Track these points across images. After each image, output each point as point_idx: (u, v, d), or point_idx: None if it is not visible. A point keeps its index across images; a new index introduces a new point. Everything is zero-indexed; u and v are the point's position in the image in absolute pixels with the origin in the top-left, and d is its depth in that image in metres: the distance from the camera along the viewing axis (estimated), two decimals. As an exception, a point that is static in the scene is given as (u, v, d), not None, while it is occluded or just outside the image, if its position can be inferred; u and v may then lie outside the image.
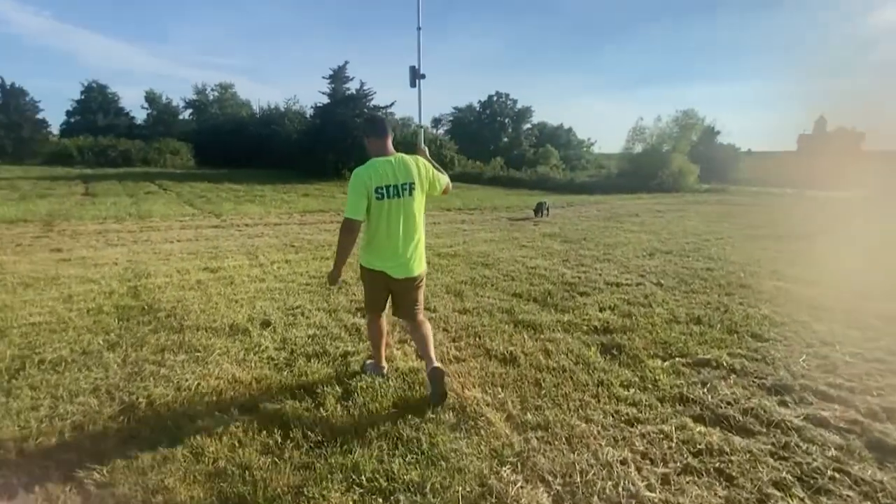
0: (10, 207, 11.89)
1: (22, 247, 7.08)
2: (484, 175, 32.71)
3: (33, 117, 39.85)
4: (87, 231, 8.70)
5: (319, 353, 3.27)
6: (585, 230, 9.76)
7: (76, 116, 42.75)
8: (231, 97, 47.07)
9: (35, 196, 15.35)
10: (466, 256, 6.76)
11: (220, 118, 43.17)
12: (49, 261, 6.07)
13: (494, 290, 4.97)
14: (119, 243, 7.50)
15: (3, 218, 9.92)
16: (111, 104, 43.72)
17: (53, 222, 9.61)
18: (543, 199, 15.06)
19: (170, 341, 3.40)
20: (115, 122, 42.42)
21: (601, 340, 3.63)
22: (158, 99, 45.49)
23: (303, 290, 4.89)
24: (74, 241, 7.68)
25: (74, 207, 12.21)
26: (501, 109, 54.37)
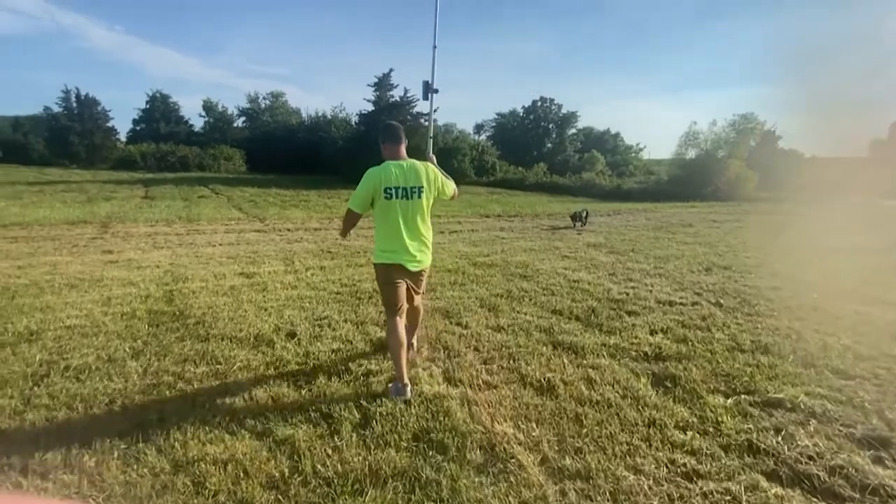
0: (75, 209, 12.70)
1: (78, 247, 7.43)
2: (526, 181, 32.10)
3: (104, 125, 43.06)
4: (138, 233, 9.07)
5: (342, 370, 3.08)
6: (634, 240, 9.18)
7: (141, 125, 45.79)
8: (282, 105, 48.95)
9: (100, 199, 16.38)
10: (504, 267, 6.44)
11: (271, 125, 44.96)
12: (98, 262, 6.29)
13: (532, 306, 4.63)
14: (165, 246, 7.73)
15: (67, 219, 10.57)
16: (172, 113, 46.54)
17: (110, 224, 10.12)
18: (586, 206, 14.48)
19: (193, 351, 3.31)
20: (175, 130, 45.08)
21: (652, 369, 3.23)
22: (215, 107, 47.97)
23: (333, 298, 4.76)
24: (125, 242, 7.99)
25: (132, 210, 12.88)
26: (545, 114, 53.43)
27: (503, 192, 25.73)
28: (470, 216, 13.55)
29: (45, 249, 7.18)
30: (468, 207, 16.06)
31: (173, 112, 46.96)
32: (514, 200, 20.34)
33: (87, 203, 14.69)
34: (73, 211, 12.18)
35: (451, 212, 14.40)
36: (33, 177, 25.88)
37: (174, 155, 37.36)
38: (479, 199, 20.13)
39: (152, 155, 37.27)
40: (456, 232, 10.14)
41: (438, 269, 6.23)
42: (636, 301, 4.85)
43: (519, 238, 9.39)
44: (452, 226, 11.26)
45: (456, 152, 34.13)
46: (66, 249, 7.22)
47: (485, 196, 22.63)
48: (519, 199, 21.88)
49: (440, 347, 3.52)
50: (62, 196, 16.65)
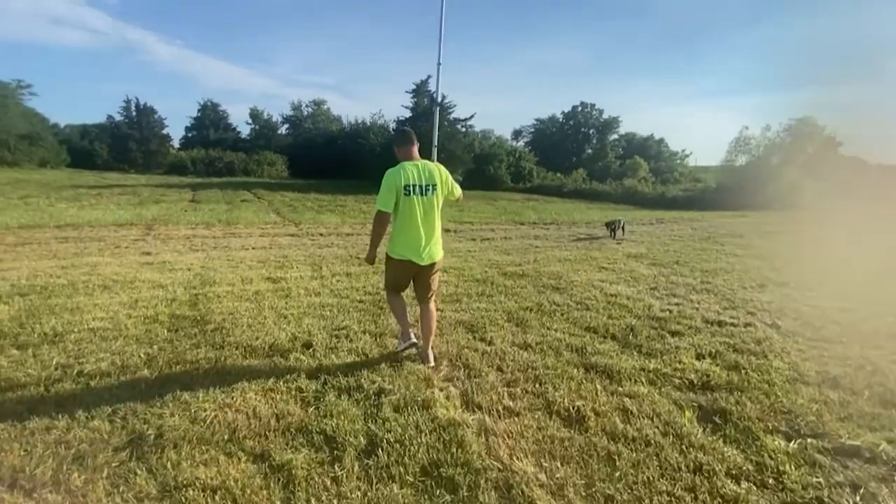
0: (125, 211, 13.32)
1: (120, 249, 7.68)
2: (564, 187, 31.36)
3: (160, 132, 45.69)
4: (178, 235, 9.33)
5: (353, 386, 2.88)
6: (678, 252, 8.59)
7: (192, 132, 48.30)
8: (323, 113, 50.34)
9: (150, 202, 17.18)
10: (535, 277, 6.12)
11: (312, 132, 46.25)
12: (135, 264, 6.45)
13: (564, 322, 4.30)
14: (200, 248, 7.88)
15: (116, 221, 11.06)
16: (221, 120, 48.83)
17: (153, 226, 10.50)
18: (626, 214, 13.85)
19: (205, 360, 3.21)
20: (223, 136, 47.25)
21: (699, 401, 2.85)
22: (261, 115, 49.98)
23: (355, 307, 4.60)
24: (164, 244, 8.21)
25: (176, 213, 13.37)
26: (586, 120, 52.28)
27: (540, 199, 25.19)
28: (504, 223, 13.24)
29: (89, 250, 7.47)
30: (502, 214, 15.74)
31: (222, 119, 49.26)
32: (550, 207, 19.82)
33: (139, 206, 15.40)
34: (123, 213, 12.77)
35: (484, 218, 14.13)
36: (94, 180, 27.61)
37: (221, 160, 39.06)
38: (514, 206, 19.74)
39: (201, 160, 39.12)
40: (488, 240, 9.86)
41: (466, 278, 5.98)
42: (680, 320, 4.42)
43: (554, 247, 9.01)
44: (485, 233, 10.99)
45: (492, 158, 33.85)
46: (109, 251, 7.48)
47: (521, 203, 22.20)
48: (556, 206, 21.31)
49: (460, 365, 3.27)
50: (117, 199, 17.59)
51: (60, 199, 16.57)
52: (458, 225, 12.30)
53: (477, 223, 12.94)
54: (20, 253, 7.05)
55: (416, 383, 2.94)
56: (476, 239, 9.89)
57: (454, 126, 29.96)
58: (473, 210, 17.34)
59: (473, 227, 11.96)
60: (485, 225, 12.62)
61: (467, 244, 9.14)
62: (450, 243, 9.18)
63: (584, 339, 3.83)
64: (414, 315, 3.78)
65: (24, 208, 13.31)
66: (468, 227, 11.90)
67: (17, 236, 8.60)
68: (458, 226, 12.17)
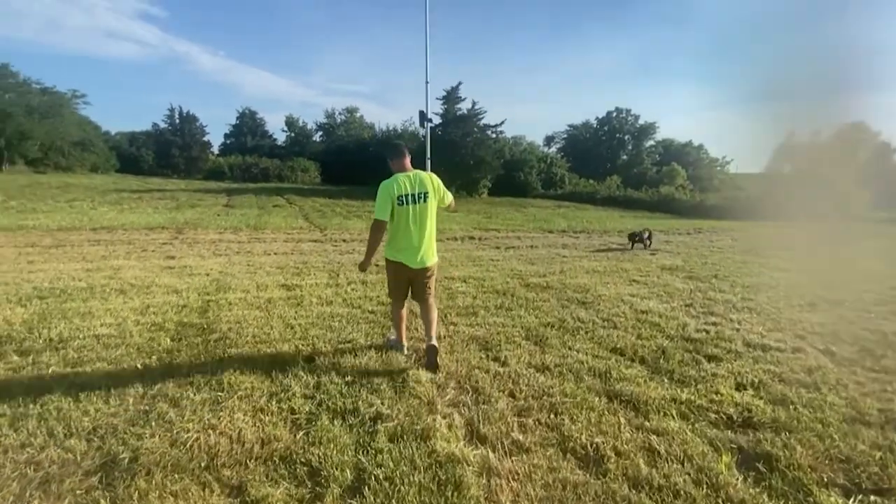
0: (160, 215, 13.74)
1: (146, 252, 7.81)
2: (597, 194, 30.55)
3: (201, 139, 47.51)
4: (205, 240, 9.46)
5: (349, 409, 2.66)
6: (717, 265, 8.02)
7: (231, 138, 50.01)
8: (356, 120, 51.16)
9: (187, 206, 17.70)
10: (560, 290, 5.76)
11: (345, 139, 47.04)
12: (157, 268, 6.50)
13: (588, 341, 3.96)
14: (224, 253, 7.92)
15: (149, 224, 11.37)
16: (258, 127, 50.38)
17: (184, 230, 10.71)
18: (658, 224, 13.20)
19: (202, 373, 3.07)
20: (260, 143, 48.69)
21: (739, 442, 2.47)
22: (296, 123, 51.26)
23: (365, 318, 4.40)
24: (190, 249, 8.31)
25: (208, 217, 13.67)
26: (621, 125, 51.01)
27: (571, 206, 24.59)
28: (531, 231, 12.85)
29: (117, 253, 7.62)
30: (531, 221, 15.35)
31: (259, 127, 50.83)
32: (582, 215, 19.25)
33: (175, 210, 15.88)
34: (158, 217, 13.16)
35: (511, 225, 13.79)
36: (137, 185, 28.87)
37: (257, 166, 40.21)
38: (543, 213, 19.28)
39: (238, 166, 40.40)
40: (513, 248, 9.53)
41: (485, 289, 5.70)
42: (718, 342, 3.99)
43: (582, 257, 8.59)
44: (510, 241, 10.66)
45: (522, 164, 33.38)
46: (136, 254, 7.61)
47: (550, 210, 21.70)
48: (588, 213, 20.71)
49: (468, 388, 3.00)
50: (156, 203, 18.23)
51: (103, 202, 17.31)
52: (482, 232, 12.01)
53: (503, 230, 12.62)
54: (52, 255, 7.26)
55: (417, 408, 2.69)
56: (500, 247, 9.59)
57: (484, 132, 29.69)
58: (500, 217, 17.02)
59: (499, 235, 11.65)
60: (511, 232, 12.28)
61: (490, 252, 8.85)
62: (472, 251, 8.92)
63: (609, 361, 3.48)
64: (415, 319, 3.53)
65: (67, 211, 13.93)
66: (493, 235, 11.59)
67: (54, 238, 8.91)
68: (483, 233, 11.88)
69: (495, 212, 19.50)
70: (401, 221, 3.29)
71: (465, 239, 10.74)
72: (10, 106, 39.41)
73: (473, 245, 9.91)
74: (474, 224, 13.94)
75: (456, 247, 9.54)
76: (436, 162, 26.48)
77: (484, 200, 26.96)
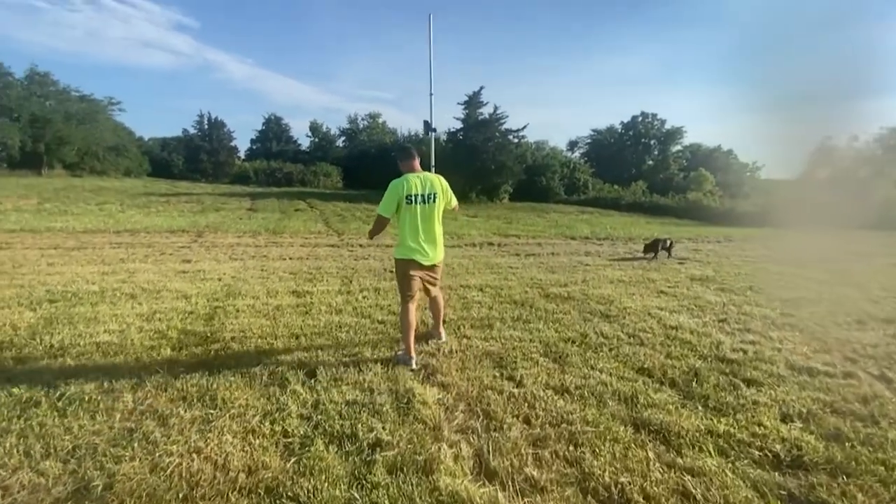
0: (184, 218, 13.91)
1: (164, 255, 7.82)
2: (622, 200, 29.79)
3: (228, 145, 48.65)
4: (223, 243, 9.46)
5: (347, 434, 2.44)
6: (751, 276, 7.54)
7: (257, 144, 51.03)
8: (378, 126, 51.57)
9: (211, 210, 17.97)
10: (582, 301, 5.44)
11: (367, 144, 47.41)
12: (171, 272, 6.46)
13: (612, 360, 3.64)
14: (240, 257, 7.87)
15: (171, 227, 11.50)
16: (283, 133, 51.30)
17: (204, 233, 10.78)
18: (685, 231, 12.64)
19: (196, 386, 2.90)
20: (285, 149, 49.54)
21: (788, 486, 2.14)
22: (320, 128, 52.01)
23: (374, 329, 4.19)
24: (207, 252, 8.30)
25: (228, 221, 13.78)
26: (647, 130, 49.95)
27: (595, 212, 24.00)
28: (553, 237, 12.48)
29: (136, 256, 7.65)
30: (552, 227, 14.96)
31: (284, 132, 51.77)
32: (606, 221, 18.71)
33: (199, 213, 16.12)
34: (181, 220, 13.33)
35: (532, 231, 13.44)
36: (165, 189, 29.65)
37: (281, 171, 40.87)
38: (566, 219, 18.83)
39: (263, 171, 41.13)
40: (533, 255, 9.21)
41: (502, 299, 5.43)
42: (758, 364, 3.62)
43: (606, 265, 8.21)
44: (531, 247, 10.33)
45: (545, 169, 32.89)
46: (154, 257, 7.62)
47: (573, 216, 21.20)
48: (612, 219, 20.13)
49: (479, 412, 2.74)
50: (182, 206, 18.57)
51: (132, 205, 17.71)
52: (502, 238, 11.72)
53: (524, 237, 12.29)
54: (73, 257, 7.33)
55: (421, 435, 2.44)
56: (520, 254, 9.28)
57: (505, 137, 29.38)
58: (521, 223, 16.67)
59: (519, 241, 11.34)
60: (532, 239, 11.94)
61: (509, 259, 8.56)
62: (491, 258, 8.64)
63: (636, 384, 3.17)
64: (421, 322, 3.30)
65: (97, 214, 14.27)
66: (513, 241, 11.28)
67: (78, 240, 9.05)
68: (503, 239, 11.58)
69: (516, 217, 19.15)
70: (409, 220, 3.40)
71: (483, 245, 10.47)
72: (51, 113, 41.25)
73: (492, 251, 9.63)
74: (494, 230, 13.65)
75: (474, 253, 9.28)
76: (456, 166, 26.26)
77: (505, 206, 26.60)
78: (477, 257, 8.71)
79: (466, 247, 10.16)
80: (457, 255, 8.93)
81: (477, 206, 25.34)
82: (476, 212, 21.25)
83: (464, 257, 8.63)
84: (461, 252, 9.34)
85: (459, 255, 8.98)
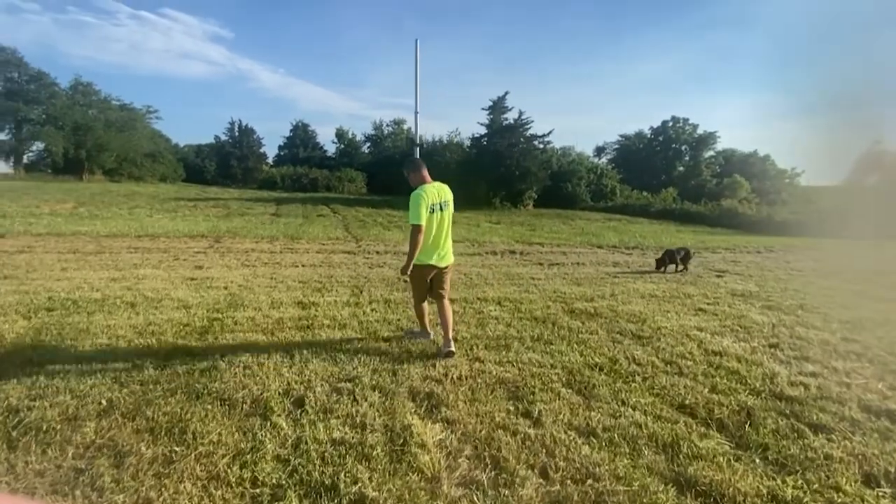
0: (207, 223, 13.95)
1: (178, 261, 7.69)
2: (651, 207, 28.75)
3: (257, 151, 49.58)
4: (239, 249, 9.32)
5: (325, 486, 2.04)
6: (800, 292, 6.83)
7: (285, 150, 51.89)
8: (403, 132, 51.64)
9: (236, 214, 18.12)
10: (611, 319, 4.93)
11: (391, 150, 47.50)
12: (179, 278, 6.26)
13: (647, 393, 3.14)
14: (252, 264, 7.65)
15: (191, 232, 11.48)
16: (310, 139, 52.01)
17: (222, 238, 10.69)
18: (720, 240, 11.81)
19: (168, 416, 2.57)
20: (312, 155, 50.17)
21: (891, 587, 1.63)
22: (346, 134, 52.51)
23: (377, 350, 3.81)
24: (221, 258, 8.13)
25: (252, 225, 13.76)
26: (678, 135, 48.37)
27: (623, 220, 23.14)
28: (578, 245, 11.90)
29: (150, 261, 7.54)
30: (578, 235, 14.34)
31: (311, 139, 52.49)
32: (634, 229, 17.93)
33: (224, 218, 16.22)
34: (204, 224, 13.36)
35: (556, 239, 12.89)
36: (195, 193, 30.27)
37: (307, 177, 41.31)
38: (592, 227, 18.14)
39: (289, 176, 41.69)
40: (557, 265, 8.69)
41: (522, 314, 4.97)
42: (824, 403, 3.05)
43: (636, 277, 7.63)
44: (555, 256, 9.80)
45: (570, 175, 32.11)
46: (167, 262, 7.49)
47: (600, 223, 20.46)
48: (641, 227, 19.31)
49: (487, 459, 2.30)
50: (208, 211, 18.81)
51: (161, 210, 18.02)
52: (524, 246, 11.22)
53: (547, 245, 11.75)
54: (88, 262, 7.26)
55: (414, 490, 2.03)
56: (543, 264, 8.77)
57: (530, 142, 28.81)
58: (546, 229, 16.11)
59: (542, 250, 10.82)
60: (556, 247, 11.39)
61: (532, 269, 8.07)
62: (512, 268, 8.18)
63: (677, 426, 2.67)
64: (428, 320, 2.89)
65: (125, 218, 14.50)
66: (536, 250, 10.77)
67: (99, 245, 9.05)
68: (525, 247, 11.08)
69: (540, 224, 18.58)
70: (431, 228, 3.59)
71: (505, 253, 10.01)
72: (92, 121, 43.02)
73: (514, 260, 9.16)
74: (517, 237, 13.16)
75: (494, 262, 8.83)
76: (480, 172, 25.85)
77: (529, 212, 26.01)
78: (497, 266, 8.26)
79: (487, 255, 9.71)
80: (476, 263, 8.50)
81: (500, 212, 24.84)
82: (499, 218, 20.76)
83: (483, 266, 8.19)
84: (480, 261, 8.90)
85: (479, 263, 8.55)
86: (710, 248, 12.39)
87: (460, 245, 11.08)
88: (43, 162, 43.46)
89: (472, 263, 8.48)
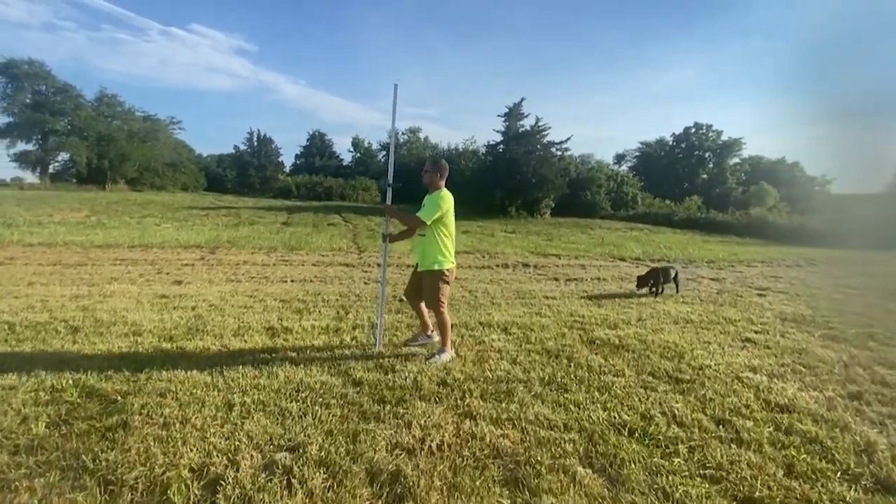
0: (210, 232, 13.44)
1: (160, 274, 7.08)
2: (674, 216, 27.46)
3: (275, 160, 49.89)
4: (231, 261, 8.70)
5: None
6: (864, 316, 5.80)
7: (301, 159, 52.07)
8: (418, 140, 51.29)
9: (246, 223, 17.68)
10: (640, 354, 4.05)
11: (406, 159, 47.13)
12: (149, 296, 5.62)
13: (697, 475, 2.27)
14: (238, 279, 7.00)
15: (187, 242, 10.95)
16: (327, 148, 52.14)
17: (217, 249, 10.12)
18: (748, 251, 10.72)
19: (45, 500, 1.84)
20: (328, 164, 50.22)
21: None
22: (361, 143, 52.47)
23: (344, 397, 3.03)
24: (208, 271, 7.51)
25: (257, 235, 13.19)
26: (701, 142, 46.76)
27: (645, 229, 22.00)
28: (598, 257, 10.96)
29: (129, 275, 6.95)
30: (597, 246, 13.38)
31: (328, 148, 52.63)
32: (658, 239, 16.85)
33: (232, 227, 15.77)
34: (206, 234, 12.84)
35: (574, 250, 11.96)
36: (209, 202, 30.21)
37: (321, 186, 41.23)
38: (613, 236, 17.12)
39: (304, 185, 41.66)
40: (575, 280, 7.80)
41: (532, 345, 4.14)
42: (957, 496, 2.14)
43: (665, 297, 6.69)
44: (573, 270, 8.90)
45: (590, 183, 31.03)
46: (147, 276, 6.89)
47: (621, 232, 19.40)
48: (665, 237, 18.19)
49: None
50: (219, 220, 18.43)
51: (171, 219, 17.71)
52: (540, 258, 10.34)
53: (564, 256, 10.85)
54: (63, 275, 6.70)
55: None
56: (559, 278, 7.90)
57: (547, 149, 27.90)
58: (563, 239, 15.18)
59: (559, 262, 9.92)
60: (574, 259, 10.48)
61: (546, 286, 7.20)
62: (524, 283, 7.33)
63: (749, 543, 1.81)
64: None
65: (132, 227, 14.13)
66: (553, 262, 9.88)
67: (86, 256, 8.56)
68: (540, 259, 10.21)
69: (557, 234, 17.64)
70: (452, 232, 3.80)
71: (517, 266, 9.15)
72: (115, 131, 43.81)
73: (527, 274, 8.30)
74: (532, 247, 12.28)
75: (505, 276, 7.99)
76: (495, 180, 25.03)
77: (546, 221, 25.03)
78: (507, 282, 7.43)
79: (497, 268, 8.88)
80: (484, 278, 7.68)
81: (516, 220, 23.96)
82: (514, 227, 19.89)
83: (492, 282, 7.37)
84: (490, 275, 8.07)
85: (487, 278, 7.72)
86: (744, 262, 11.30)
87: (468, 257, 10.27)
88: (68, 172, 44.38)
89: (480, 278, 7.67)
